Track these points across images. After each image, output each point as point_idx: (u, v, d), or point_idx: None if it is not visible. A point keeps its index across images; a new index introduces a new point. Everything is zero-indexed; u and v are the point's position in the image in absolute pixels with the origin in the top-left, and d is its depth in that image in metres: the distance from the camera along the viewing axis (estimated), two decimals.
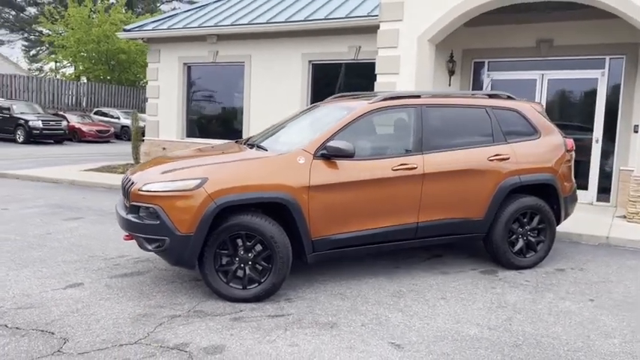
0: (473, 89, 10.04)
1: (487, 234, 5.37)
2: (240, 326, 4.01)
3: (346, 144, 4.55)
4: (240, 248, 4.45)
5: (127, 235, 4.65)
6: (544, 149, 5.52)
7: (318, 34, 11.23)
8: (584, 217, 7.73)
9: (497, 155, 5.27)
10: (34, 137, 21.74)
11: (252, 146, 5.29)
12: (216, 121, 13.31)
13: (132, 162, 13.49)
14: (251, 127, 12.32)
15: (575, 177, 9.28)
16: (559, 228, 6.68)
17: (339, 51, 11.13)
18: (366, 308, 4.41)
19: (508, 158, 5.31)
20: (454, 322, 4.17)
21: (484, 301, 4.64)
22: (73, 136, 24.55)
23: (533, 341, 3.86)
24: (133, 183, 4.57)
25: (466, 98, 5.53)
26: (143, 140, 13.86)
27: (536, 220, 5.49)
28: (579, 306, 4.57)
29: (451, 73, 10.06)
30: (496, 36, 9.66)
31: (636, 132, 8.83)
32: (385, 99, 5.09)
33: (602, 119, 9.17)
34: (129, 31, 13.64)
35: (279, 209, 4.56)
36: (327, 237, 4.69)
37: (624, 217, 7.80)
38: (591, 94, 9.26)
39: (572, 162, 5.84)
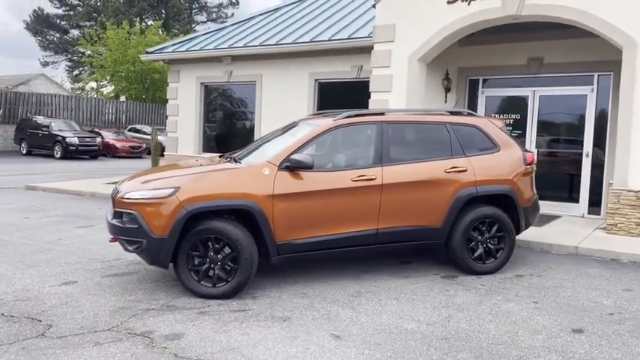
0: (468, 106, 10.41)
1: (447, 241, 5.76)
2: (204, 318, 4.54)
3: (305, 156, 5.06)
4: (211, 250, 4.99)
5: (112, 238, 5.27)
6: (502, 162, 5.90)
7: (324, 55, 11.83)
8: (566, 229, 7.99)
9: (454, 168, 5.68)
10: (71, 153, 23.00)
11: (230, 160, 5.85)
12: (230, 136, 14.01)
13: None
14: None
15: (566, 190, 9.62)
16: (533, 237, 7.01)
17: (342, 70, 11.68)
18: (321, 306, 4.87)
19: (465, 170, 5.70)
20: (397, 318, 4.59)
21: (433, 301, 5.04)
22: (108, 152, 25.81)
23: (463, 335, 4.25)
24: (119, 192, 5.18)
25: (427, 116, 5.97)
26: (163, 155, 14.67)
27: (494, 228, 5.84)
28: (520, 307, 4.91)
29: (447, 90, 10.47)
30: (489, 54, 10.03)
31: None
32: (348, 117, 5.59)
33: (592, 134, 9.40)
34: (151, 53, 14.56)
35: (246, 215, 5.09)
36: (290, 241, 5.18)
37: (605, 228, 8.00)
38: (581, 110, 9.51)
39: (533, 174, 6.17)
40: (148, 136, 29.09)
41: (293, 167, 5.15)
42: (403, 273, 5.94)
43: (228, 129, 14.13)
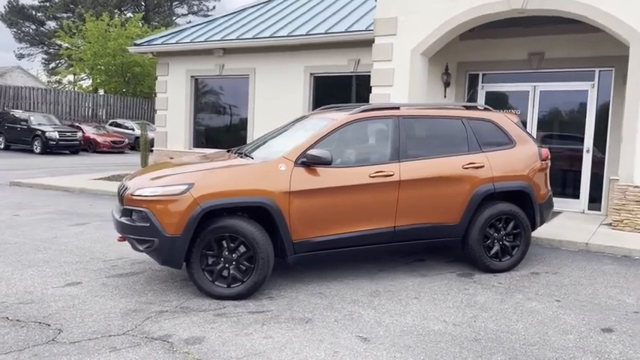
0: (467, 101, 10.33)
1: (463, 238, 5.64)
2: (221, 321, 4.34)
3: (324, 152, 4.88)
4: (225, 249, 4.78)
5: (120, 237, 5.02)
6: (518, 158, 5.79)
7: (319, 48, 11.64)
8: (571, 225, 7.95)
9: (471, 163, 5.56)
10: (51, 148, 22.40)
11: (240, 155, 5.64)
12: (222, 131, 13.75)
13: None
14: (255, 136, 12.69)
15: (566, 186, 9.60)
16: (541, 234, 6.95)
17: (339, 64, 11.51)
18: (341, 306, 4.71)
19: (483, 166, 5.59)
20: (422, 319, 4.45)
21: (454, 300, 4.91)
22: (89, 146, 25.23)
23: (493, 336, 4.13)
24: (127, 188, 4.94)
25: (443, 110, 5.83)
26: (152, 150, 14.33)
27: (511, 225, 5.75)
28: (544, 306, 4.82)
29: (446, 85, 10.36)
30: (489, 49, 9.95)
31: None
32: (364, 110, 5.42)
33: (593, 130, 9.40)
34: (139, 45, 14.18)
35: (261, 213, 4.90)
36: (307, 239, 5.00)
37: (610, 224, 7.99)
38: (582, 106, 9.50)
39: (548, 170, 6.09)
40: (131, 131, 28.59)
41: (310, 163, 4.96)
42: (419, 271, 5.81)
43: (219, 124, 13.86)
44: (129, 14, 44.92)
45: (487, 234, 5.67)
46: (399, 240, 5.38)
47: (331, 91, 11.99)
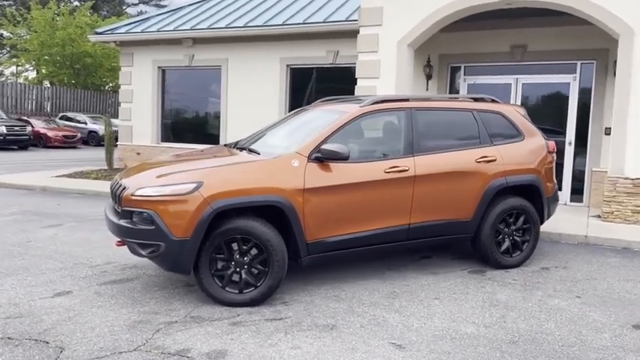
0: (450, 94, 10.22)
1: (475, 234, 5.47)
2: (240, 330, 3.99)
3: (341, 147, 4.58)
4: (236, 252, 4.43)
5: (119, 241, 4.58)
6: (528, 151, 5.67)
7: (297, 39, 11.27)
8: (561, 217, 7.95)
9: (484, 157, 5.39)
10: None
11: (242, 150, 5.27)
12: (192, 125, 13.19)
13: (105, 167, 13.23)
14: (228, 131, 12.25)
15: None
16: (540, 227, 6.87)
17: (317, 55, 11.18)
18: (362, 310, 4.44)
19: (495, 160, 5.43)
20: (450, 321, 4.24)
21: (476, 299, 4.73)
22: (38, 141, 23.91)
23: (528, 337, 3.96)
24: (124, 188, 4.49)
25: (453, 102, 5.64)
26: (116, 145, 13.62)
27: (521, 220, 5.63)
28: (567, 303, 4.70)
29: (428, 77, 10.23)
30: (472, 41, 9.86)
31: (608, 134, 9.14)
32: (376, 102, 5.15)
33: (575, 122, 9.47)
34: (101, 34, 13.40)
35: (273, 212, 4.56)
36: (321, 240, 4.70)
37: (599, 216, 8.05)
38: (564, 98, 9.55)
39: (554, 163, 6.00)
40: (83, 125, 27.33)
41: (324, 158, 4.66)
42: (428, 269, 5.61)
43: (189, 117, 13.29)
44: (76, 2, 42.89)
45: (498, 229, 5.53)
46: (413, 238, 5.15)
47: (309, 83, 11.66)
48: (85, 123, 27.52)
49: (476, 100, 5.80)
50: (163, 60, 12.94)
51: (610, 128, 9.11)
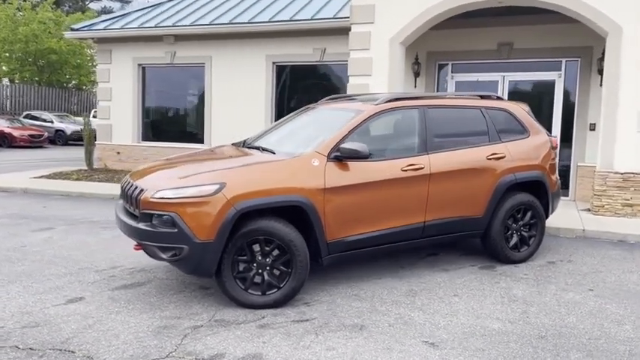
0: (438, 91, 10.32)
1: (485, 231, 5.54)
2: (270, 333, 3.93)
3: (362, 145, 4.56)
4: (258, 254, 4.36)
5: (136, 245, 4.45)
6: (534, 147, 5.77)
7: (283, 36, 11.18)
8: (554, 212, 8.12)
9: (494, 154, 5.45)
10: None
11: (254, 149, 5.19)
12: (174, 124, 12.95)
13: (84, 167, 12.86)
14: (213, 130, 12.08)
15: None
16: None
17: (303, 52, 11.12)
18: (385, 308, 4.44)
19: (504, 157, 5.50)
20: (475, 318, 4.27)
21: (494, 295, 4.79)
22: (3, 141, 23.09)
23: (555, 332, 4.03)
24: (142, 190, 4.36)
25: (462, 99, 5.68)
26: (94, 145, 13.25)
27: (528, 215, 5.72)
28: (582, 296, 4.80)
29: (416, 75, 10.29)
30: (459, 39, 9.97)
31: (592, 130, 9.39)
32: (390, 100, 5.15)
33: (560, 118, 9.68)
34: (77, 30, 12.99)
35: (294, 212, 4.51)
36: (341, 239, 4.68)
37: (589, 210, 8.26)
38: (549, 95, 9.76)
39: (557, 159, 6.12)
40: (49, 124, 26.51)
41: (343, 157, 4.63)
42: (439, 266, 5.65)
43: (171, 116, 13.03)
44: None
45: (507, 225, 5.61)
46: (427, 235, 5.19)
47: (295, 81, 11.58)
48: (52, 122, 26.70)
49: (482, 97, 5.86)
50: (144, 57, 12.64)
51: (594, 124, 9.39)
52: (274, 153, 4.88)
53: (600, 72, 9.22)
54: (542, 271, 5.53)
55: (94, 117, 28.17)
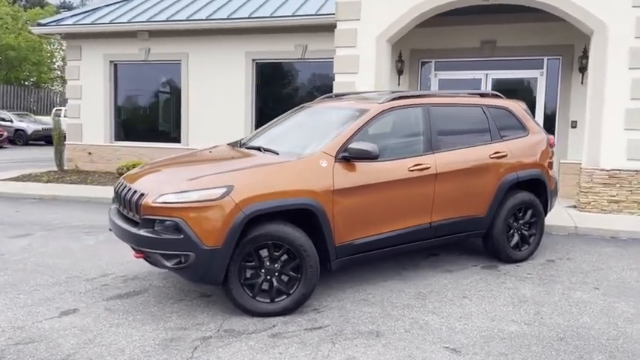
0: (421, 89, 10.27)
1: (487, 230, 5.48)
2: (284, 343, 3.75)
3: (372, 146, 4.41)
4: (266, 259, 4.17)
5: (138, 253, 4.19)
6: (533, 146, 5.75)
7: (263, 32, 10.94)
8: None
9: (497, 153, 5.40)
10: None
11: (255, 149, 4.99)
12: (149, 123, 12.54)
13: (54, 169, 12.33)
14: (190, 129, 11.75)
15: None
16: None
17: (284, 49, 10.90)
18: (398, 313, 4.32)
19: (506, 155, 5.45)
20: (490, 320, 4.19)
21: (504, 296, 4.72)
22: None
23: (573, 333, 3.98)
24: (142, 194, 4.11)
25: (464, 97, 5.61)
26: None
27: (529, 214, 5.70)
28: (589, 295, 4.79)
29: (400, 72, 10.23)
30: (443, 37, 9.95)
31: (574, 127, 9.51)
32: (394, 99, 5.02)
33: (542, 116, 9.77)
34: (45, 25, 12.42)
35: (302, 215, 4.33)
36: (349, 242, 4.53)
37: (574, 206, 8.35)
38: (532, 93, 9.84)
39: (554, 157, 6.12)
40: (9, 123, 25.44)
41: (351, 157, 4.47)
42: (441, 266, 5.56)
43: (146, 114, 12.60)
44: None
45: (509, 224, 5.57)
46: (434, 236, 5.09)
47: (276, 79, 11.36)
48: (11, 121, 25.64)
49: (482, 95, 5.80)
50: (116, 54, 12.19)
51: (576, 121, 9.51)
52: (278, 154, 4.68)
53: (581, 70, 9.35)
54: (545, 270, 5.51)
55: (57, 116, 27.30)
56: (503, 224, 5.47)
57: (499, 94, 5.91)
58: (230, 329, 3.97)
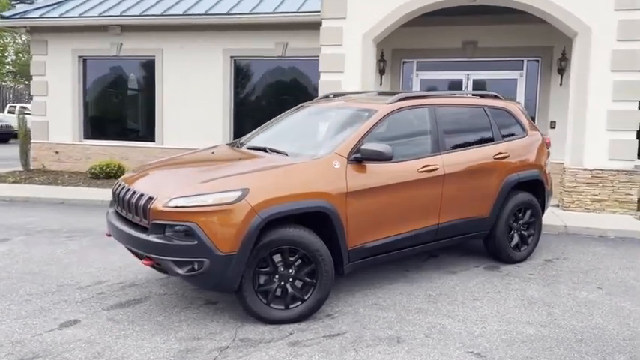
0: (403, 89, 10.27)
1: (490, 231, 5.49)
2: (305, 352, 3.62)
3: (385, 147, 4.32)
4: (280, 264, 4.02)
5: (147, 260, 3.97)
6: (532, 147, 5.78)
7: (242, 29, 10.70)
8: None
9: (499, 153, 5.40)
10: None
11: (260, 150, 4.82)
12: (121, 121, 12.09)
13: (19, 169, 11.75)
14: (165, 128, 11.40)
15: None
16: None
17: (264, 47, 10.70)
18: (413, 317, 4.24)
19: (508, 156, 5.46)
20: (506, 323, 4.17)
21: (512, 298, 4.72)
22: None
23: (589, 334, 3.99)
24: (150, 198, 3.89)
25: (466, 98, 5.59)
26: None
27: (528, 214, 5.73)
28: (595, 295, 4.84)
29: (381, 72, 10.19)
30: (424, 37, 9.96)
31: (553, 128, 9.69)
32: (402, 99, 4.95)
33: None
34: (8, 18, 11.80)
35: (315, 218, 4.20)
36: (362, 245, 4.44)
37: (557, 206, 8.50)
38: (512, 94, 9.95)
39: (550, 158, 6.18)
40: None
41: (363, 159, 4.37)
42: (444, 268, 5.53)
43: (117, 112, 12.12)
44: None
45: (509, 225, 5.59)
46: (440, 238, 5.05)
47: (255, 77, 11.13)
48: None
49: (482, 96, 5.80)
50: (85, 49, 11.70)
51: (555, 122, 9.70)
52: (286, 155, 4.53)
53: (560, 71, 9.54)
54: (545, 270, 5.55)
55: (10, 112, 26.14)
56: (505, 225, 5.48)
57: (498, 94, 5.92)
58: (246, 338, 3.81)
